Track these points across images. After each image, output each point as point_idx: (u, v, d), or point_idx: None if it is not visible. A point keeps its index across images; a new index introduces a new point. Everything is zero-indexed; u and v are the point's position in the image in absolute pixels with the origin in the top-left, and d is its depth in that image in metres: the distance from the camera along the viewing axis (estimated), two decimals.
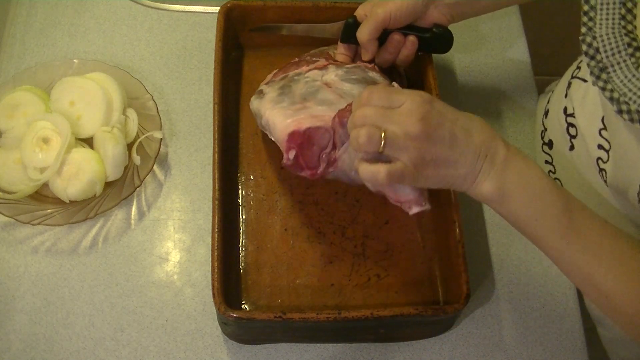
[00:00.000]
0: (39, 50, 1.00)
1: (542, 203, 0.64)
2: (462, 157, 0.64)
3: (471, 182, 0.65)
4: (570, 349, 0.82)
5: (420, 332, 0.81)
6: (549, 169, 0.87)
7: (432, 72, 0.89)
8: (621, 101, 0.65)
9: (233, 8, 0.93)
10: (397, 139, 0.63)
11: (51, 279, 0.83)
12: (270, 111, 0.79)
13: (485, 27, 1.07)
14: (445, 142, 0.64)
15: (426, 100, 0.65)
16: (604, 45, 0.67)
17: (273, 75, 0.88)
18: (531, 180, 0.65)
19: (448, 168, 0.65)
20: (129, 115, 0.90)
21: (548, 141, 0.87)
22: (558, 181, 0.85)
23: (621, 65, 0.67)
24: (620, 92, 0.66)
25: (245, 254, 0.83)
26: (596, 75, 0.68)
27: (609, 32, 0.67)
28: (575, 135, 0.79)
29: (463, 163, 0.64)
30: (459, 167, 0.65)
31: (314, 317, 0.72)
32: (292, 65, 0.87)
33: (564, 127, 0.81)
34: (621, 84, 0.66)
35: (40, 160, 0.84)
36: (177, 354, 0.79)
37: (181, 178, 0.91)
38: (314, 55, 0.89)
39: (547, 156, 0.87)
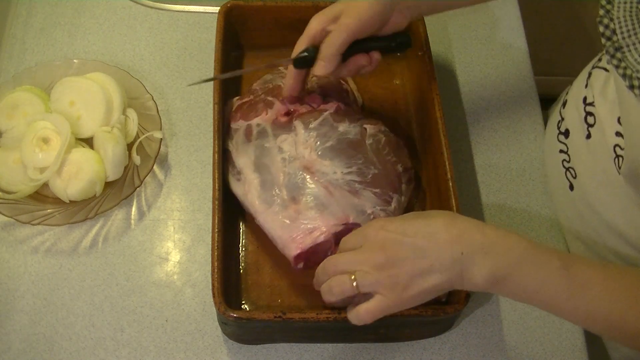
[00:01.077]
0: (39, 50, 1.00)
1: (538, 274, 0.63)
2: (436, 263, 0.64)
3: (461, 281, 0.65)
4: (570, 349, 0.82)
5: (420, 332, 0.81)
6: (564, 158, 0.87)
7: (431, 72, 0.89)
8: (633, 77, 0.68)
9: (233, 8, 0.93)
10: (367, 276, 0.66)
11: (51, 279, 0.83)
12: (262, 216, 0.79)
13: (485, 27, 1.07)
14: (412, 257, 0.65)
15: (379, 228, 0.67)
16: (620, 27, 0.70)
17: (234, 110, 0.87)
18: (517, 256, 0.63)
19: (427, 279, 0.65)
20: (129, 115, 0.90)
21: (565, 130, 0.88)
22: (572, 170, 0.85)
23: (636, 46, 0.69)
24: (633, 69, 0.68)
25: (245, 254, 0.83)
26: (611, 54, 0.70)
27: (627, 15, 0.70)
28: (593, 124, 0.80)
29: (439, 268, 0.64)
30: (437, 274, 0.64)
31: (314, 317, 0.72)
32: (251, 110, 0.85)
33: (582, 116, 0.82)
34: (635, 62, 0.68)
35: (40, 160, 0.84)
36: (177, 354, 0.79)
37: (181, 178, 0.91)
38: (267, 92, 0.87)
39: (563, 145, 0.88)
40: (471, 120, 0.98)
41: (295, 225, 0.77)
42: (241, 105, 0.87)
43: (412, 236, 0.65)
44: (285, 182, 0.80)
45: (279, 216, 0.78)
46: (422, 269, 0.64)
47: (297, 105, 0.86)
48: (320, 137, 0.82)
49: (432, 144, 0.87)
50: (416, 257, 0.64)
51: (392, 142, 0.84)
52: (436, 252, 0.64)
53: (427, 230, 0.65)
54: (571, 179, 0.86)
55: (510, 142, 0.97)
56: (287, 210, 0.78)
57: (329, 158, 0.80)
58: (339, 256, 0.70)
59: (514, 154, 0.96)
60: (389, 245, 0.65)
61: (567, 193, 0.87)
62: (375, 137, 0.83)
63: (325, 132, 0.82)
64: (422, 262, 0.64)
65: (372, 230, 0.67)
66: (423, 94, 0.91)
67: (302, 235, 0.77)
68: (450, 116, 0.97)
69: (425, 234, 0.65)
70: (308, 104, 0.87)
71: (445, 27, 1.07)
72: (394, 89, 0.98)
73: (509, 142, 0.97)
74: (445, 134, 0.85)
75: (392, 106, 0.96)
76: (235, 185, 0.82)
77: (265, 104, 0.85)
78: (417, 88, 0.94)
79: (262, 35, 0.97)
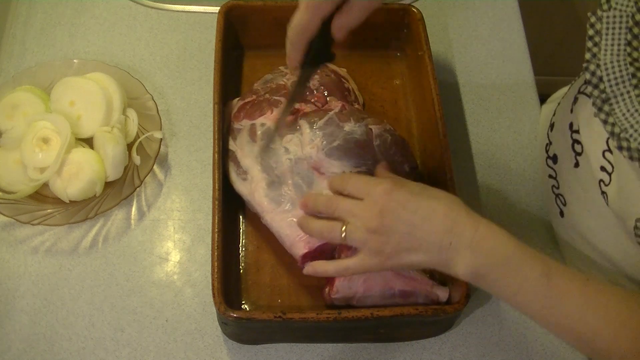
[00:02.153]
0: (39, 50, 1.00)
1: (518, 278, 0.63)
2: (424, 245, 0.66)
3: (446, 269, 0.67)
4: (570, 349, 0.82)
5: (420, 332, 0.81)
6: (553, 184, 0.86)
7: (431, 72, 0.89)
8: (622, 137, 0.63)
9: (233, 8, 0.93)
10: (357, 232, 0.68)
11: (51, 279, 0.83)
12: (270, 215, 0.79)
13: (485, 27, 1.07)
14: (403, 232, 0.66)
15: (387, 191, 0.68)
16: (608, 75, 0.65)
17: (237, 110, 0.86)
18: (503, 258, 0.64)
19: (411, 256, 0.67)
20: (129, 115, 0.90)
21: (553, 155, 0.85)
22: (562, 197, 0.83)
23: (624, 97, 0.64)
24: (621, 127, 0.64)
25: (245, 254, 0.83)
26: (598, 107, 0.66)
27: (614, 59, 0.65)
28: (581, 152, 0.77)
29: (426, 250, 0.66)
30: (422, 254, 0.67)
31: (314, 317, 0.72)
32: (256, 109, 0.85)
33: (569, 143, 0.79)
34: (623, 117, 0.64)
35: (40, 160, 0.84)
36: (177, 354, 0.79)
37: (181, 178, 0.91)
38: (271, 92, 0.87)
39: (551, 170, 0.86)
40: (471, 120, 0.98)
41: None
42: (244, 105, 0.87)
43: (411, 212, 0.67)
44: (293, 182, 0.79)
45: (287, 215, 0.78)
46: (409, 246, 0.67)
47: (301, 104, 0.86)
48: (326, 137, 0.81)
49: (432, 144, 0.87)
50: (408, 233, 0.66)
51: (398, 141, 0.84)
52: (427, 235, 0.66)
53: (426, 211, 0.67)
54: (561, 206, 0.84)
55: (510, 142, 0.97)
56: (295, 210, 0.78)
57: (337, 158, 0.80)
58: (342, 200, 0.71)
59: (514, 154, 0.96)
60: (387, 214, 0.67)
61: (558, 219, 0.86)
62: (381, 137, 0.83)
63: (332, 132, 0.82)
64: (412, 240, 0.67)
65: (379, 190, 0.68)
66: (423, 94, 0.91)
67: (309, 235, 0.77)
68: (450, 116, 0.97)
69: (424, 214, 0.67)
70: (312, 103, 0.87)
71: (445, 27, 1.07)
72: (394, 89, 0.98)
73: (509, 142, 0.97)
74: (445, 134, 0.85)
75: (392, 106, 0.96)
76: (240, 185, 0.82)
77: (269, 104, 0.85)
78: (417, 88, 0.94)
79: (262, 35, 0.97)
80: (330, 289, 0.77)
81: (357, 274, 0.71)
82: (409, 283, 0.77)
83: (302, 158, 0.81)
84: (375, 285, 0.76)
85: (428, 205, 0.67)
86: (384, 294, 0.77)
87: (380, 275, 0.77)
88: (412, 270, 0.79)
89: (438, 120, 0.86)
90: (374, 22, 0.95)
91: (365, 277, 0.76)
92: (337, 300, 0.77)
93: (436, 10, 1.08)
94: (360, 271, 0.70)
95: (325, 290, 0.78)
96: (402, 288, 0.77)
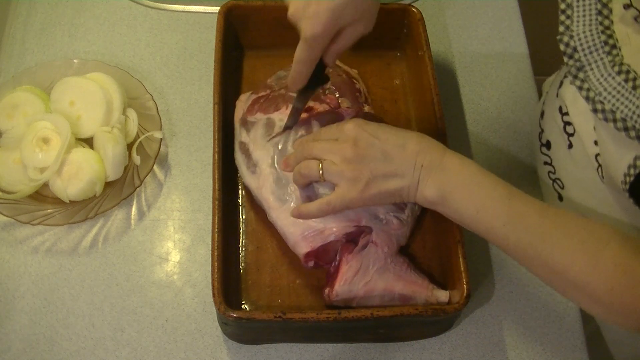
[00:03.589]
0: (39, 50, 1.00)
1: (481, 196, 0.67)
2: (399, 169, 0.69)
3: (414, 191, 0.70)
4: (570, 349, 0.82)
5: (420, 332, 0.81)
6: (549, 170, 0.87)
7: (431, 72, 0.89)
8: (596, 100, 0.67)
9: (233, 8, 0.93)
10: (333, 166, 0.71)
11: (51, 279, 0.83)
12: (276, 212, 0.79)
13: (485, 27, 1.07)
14: (378, 159, 0.70)
15: (357, 125, 0.72)
16: (581, 44, 0.68)
17: (251, 104, 0.87)
18: (468, 177, 0.68)
19: (387, 182, 0.70)
20: (129, 115, 0.90)
21: (546, 142, 0.87)
22: (559, 181, 0.85)
23: (598, 64, 0.68)
24: (595, 92, 0.67)
25: (245, 254, 0.83)
26: (573, 74, 0.69)
27: (586, 29, 0.68)
28: (573, 133, 0.79)
29: (401, 174, 0.69)
30: (398, 179, 0.70)
31: (314, 317, 0.72)
32: (270, 104, 0.86)
33: (561, 127, 0.81)
34: (597, 82, 0.67)
35: (40, 160, 0.84)
36: (177, 354, 0.79)
37: (181, 178, 0.91)
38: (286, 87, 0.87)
39: (546, 157, 0.87)
40: (471, 120, 0.98)
41: (307, 223, 0.77)
42: (257, 99, 0.87)
43: (383, 141, 0.70)
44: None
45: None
46: (385, 172, 0.70)
47: (315, 103, 0.86)
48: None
49: None
50: (383, 160, 0.70)
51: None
52: (401, 160, 0.70)
53: (398, 139, 0.71)
54: (559, 190, 0.86)
55: (510, 142, 0.97)
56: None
57: None
58: (316, 142, 0.74)
59: (513, 154, 0.96)
60: (361, 144, 0.70)
61: (557, 204, 0.87)
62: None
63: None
64: (387, 166, 0.70)
65: (350, 125, 0.72)
66: (423, 94, 0.91)
67: (313, 233, 0.77)
68: (450, 116, 0.97)
69: (396, 142, 0.70)
70: (326, 102, 0.87)
71: (445, 27, 1.07)
72: (394, 89, 0.98)
73: (509, 142, 0.97)
74: (445, 134, 0.85)
75: (392, 106, 0.96)
76: (249, 177, 0.82)
77: (284, 99, 0.86)
78: (417, 88, 0.94)
79: (262, 35, 0.96)
80: (330, 292, 0.77)
81: (339, 210, 0.73)
82: (409, 287, 0.77)
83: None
84: (376, 289, 0.76)
85: (399, 135, 0.71)
86: (384, 297, 0.77)
87: (381, 278, 0.77)
88: (412, 273, 0.79)
89: (438, 120, 0.86)
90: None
91: (366, 281, 0.76)
92: (336, 303, 0.77)
93: (436, 10, 1.08)
94: (341, 206, 0.72)
95: (325, 292, 0.78)
96: (402, 292, 0.77)
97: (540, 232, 0.64)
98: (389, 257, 0.78)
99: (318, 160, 0.73)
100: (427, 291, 0.78)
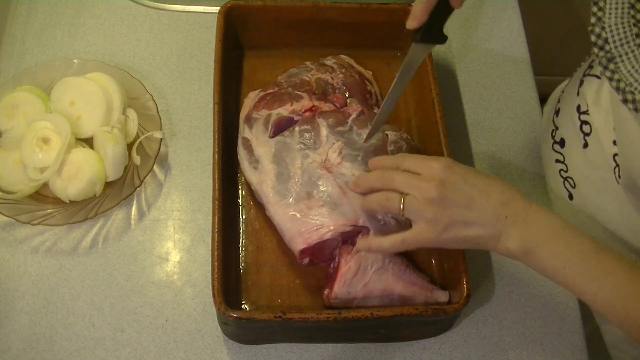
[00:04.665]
0: (39, 50, 1.00)
1: (568, 251, 0.66)
2: (481, 218, 0.68)
3: (496, 242, 0.68)
4: (570, 349, 0.82)
5: (420, 332, 0.81)
6: (561, 168, 0.87)
7: (431, 72, 0.89)
8: (627, 91, 0.67)
9: (233, 8, 0.93)
10: (415, 203, 0.69)
11: (51, 279, 0.83)
12: (274, 207, 0.79)
13: (485, 27, 1.07)
14: (462, 204, 0.68)
15: (446, 166, 0.70)
16: (613, 36, 0.68)
17: (258, 100, 0.87)
18: (554, 232, 0.67)
19: (467, 229, 0.68)
20: (129, 115, 0.90)
21: (560, 140, 0.87)
22: (570, 180, 0.85)
23: (629, 56, 0.68)
24: (626, 82, 0.67)
25: (245, 254, 0.83)
26: (604, 65, 0.69)
27: (618, 22, 0.68)
28: (589, 132, 0.79)
29: (482, 224, 0.68)
30: (479, 227, 0.68)
31: (314, 317, 0.72)
32: (275, 100, 0.86)
33: (577, 125, 0.81)
34: (628, 74, 0.67)
35: (40, 160, 0.84)
36: (177, 354, 0.79)
37: (181, 178, 0.91)
38: (294, 86, 0.88)
39: (559, 155, 0.87)
40: (471, 120, 0.98)
41: (304, 220, 0.77)
42: (265, 96, 0.88)
43: (470, 186, 0.69)
44: (301, 178, 0.80)
45: (290, 209, 0.78)
46: (467, 219, 0.68)
47: (321, 102, 0.86)
48: (345, 145, 0.82)
49: (432, 144, 0.87)
50: (466, 206, 0.68)
51: (414, 150, 0.84)
52: (485, 208, 0.68)
53: (484, 185, 0.69)
54: (570, 189, 0.86)
55: (510, 142, 0.97)
56: (299, 205, 0.78)
57: (349, 160, 0.80)
58: (399, 173, 0.72)
59: (514, 154, 0.96)
60: (448, 185, 0.68)
61: (567, 202, 0.87)
62: (396, 144, 0.83)
63: (348, 138, 0.82)
64: (470, 213, 0.68)
65: (439, 165, 0.70)
66: (423, 94, 0.91)
67: (310, 230, 0.77)
68: (450, 116, 0.97)
69: (482, 188, 0.69)
70: (332, 102, 0.87)
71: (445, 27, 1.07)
72: None
73: (509, 142, 0.97)
74: (445, 134, 0.85)
75: None
76: (251, 173, 0.82)
77: (291, 97, 0.86)
78: (417, 88, 0.94)
79: (262, 35, 0.97)
80: (329, 293, 0.77)
81: (411, 248, 0.72)
82: (408, 288, 0.77)
83: (314, 156, 0.81)
84: (375, 290, 0.76)
85: (486, 180, 0.70)
86: (383, 298, 0.77)
87: (380, 279, 0.77)
88: (411, 274, 0.79)
89: (438, 120, 0.86)
90: (374, 22, 0.95)
91: (365, 282, 0.76)
92: (335, 304, 0.77)
93: None
94: (416, 244, 0.70)
95: (324, 293, 0.78)
96: (401, 293, 0.77)
97: (630, 289, 0.63)
98: (387, 258, 0.78)
99: (400, 195, 0.70)
100: (426, 292, 0.78)
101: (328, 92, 0.89)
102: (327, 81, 0.90)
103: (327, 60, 0.94)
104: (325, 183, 0.79)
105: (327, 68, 0.92)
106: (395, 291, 0.77)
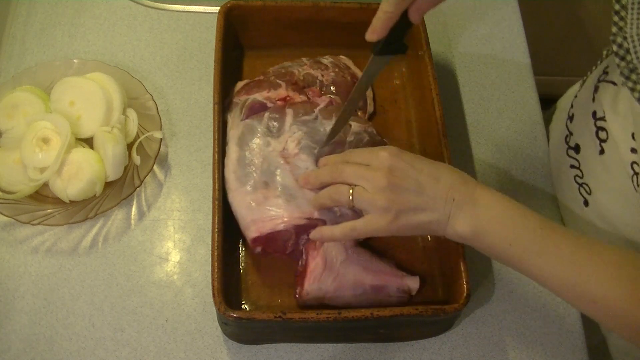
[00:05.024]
0: (39, 50, 1.00)
1: (514, 229, 0.66)
2: (432, 202, 0.68)
3: (444, 225, 0.69)
4: (570, 349, 0.82)
5: (420, 332, 0.81)
6: (575, 174, 0.86)
7: (431, 72, 0.89)
8: None
9: (233, 8, 0.93)
10: (364, 193, 0.69)
11: (51, 279, 0.83)
12: (233, 194, 0.80)
13: (485, 27, 1.07)
14: (411, 190, 0.68)
15: (393, 154, 0.70)
16: (635, 47, 0.68)
17: (242, 87, 0.89)
18: (500, 211, 0.67)
19: (418, 215, 0.69)
20: (129, 115, 0.90)
21: (575, 145, 0.86)
22: (586, 186, 0.84)
23: None
24: None
25: (245, 254, 0.83)
26: (626, 75, 0.68)
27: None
28: (606, 139, 0.78)
29: (433, 208, 0.68)
30: (429, 212, 0.68)
31: (314, 317, 0.72)
32: (255, 86, 0.88)
33: (593, 131, 0.80)
34: None
35: (40, 160, 0.84)
36: (177, 354, 0.79)
37: (181, 178, 0.91)
38: (278, 75, 0.89)
39: (574, 160, 0.86)
40: (471, 120, 0.98)
41: (259, 209, 0.78)
42: (249, 83, 0.89)
43: (418, 171, 0.69)
44: (260, 165, 0.80)
45: (247, 197, 0.79)
46: (416, 205, 0.68)
47: (296, 93, 0.86)
48: (307, 135, 0.82)
49: (432, 144, 0.87)
50: (416, 191, 0.68)
51: (376, 144, 0.84)
52: (434, 193, 0.68)
53: (433, 170, 0.70)
54: (585, 195, 0.85)
55: (510, 142, 0.97)
56: (256, 194, 0.79)
57: (307, 153, 0.81)
58: (347, 165, 0.72)
59: (514, 154, 0.96)
60: (397, 172, 0.69)
61: (582, 208, 0.86)
62: (358, 135, 0.83)
63: (311, 127, 0.83)
64: (420, 198, 0.68)
65: (386, 154, 0.70)
66: (423, 94, 0.91)
67: (264, 220, 0.77)
68: (450, 116, 0.97)
69: (431, 173, 0.69)
70: (306, 95, 0.87)
71: (445, 27, 1.07)
72: (394, 89, 0.98)
73: (509, 142, 0.97)
74: (445, 134, 0.85)
75: (392, 106, 0.96)
76: (226, 157, 0.83)
77: (270, 84, 0.87)
78: (417, 88, 0.94)
79: (262, 35, 0.97)
80: (301, 291, 0.77)
81: (363, 236, 0.72)
82: (378, 277, 0.78)
83: (275, 144, 0.82)
84: (346, 283, 0.77)
85: (434, 165, 0.70)
86: (356, 290, 0.77)
87: (348, 271, 0.77)
88: (379, 263, 0.79)
89: (438, 120, 0.86)
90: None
91: (334, 276, 0.77)
92: (309, 301, 0.77)
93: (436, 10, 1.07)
94: (367, 232, 0.71)
95: (296, 292, 0.78)
96: (372, 283, 0.77)
97: (575, 261, 0.63)
98: (349, 249, 0.79)
99: (349, 186, 0.71)
100: (397, 279, 0.78)
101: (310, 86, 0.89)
102: (316, 77, 0.90)
103: (325, 58, 0.94)
104: (282, 174, 0.79)
105: (320, 65, 0.92)
106: (366, 282, 0.77)
